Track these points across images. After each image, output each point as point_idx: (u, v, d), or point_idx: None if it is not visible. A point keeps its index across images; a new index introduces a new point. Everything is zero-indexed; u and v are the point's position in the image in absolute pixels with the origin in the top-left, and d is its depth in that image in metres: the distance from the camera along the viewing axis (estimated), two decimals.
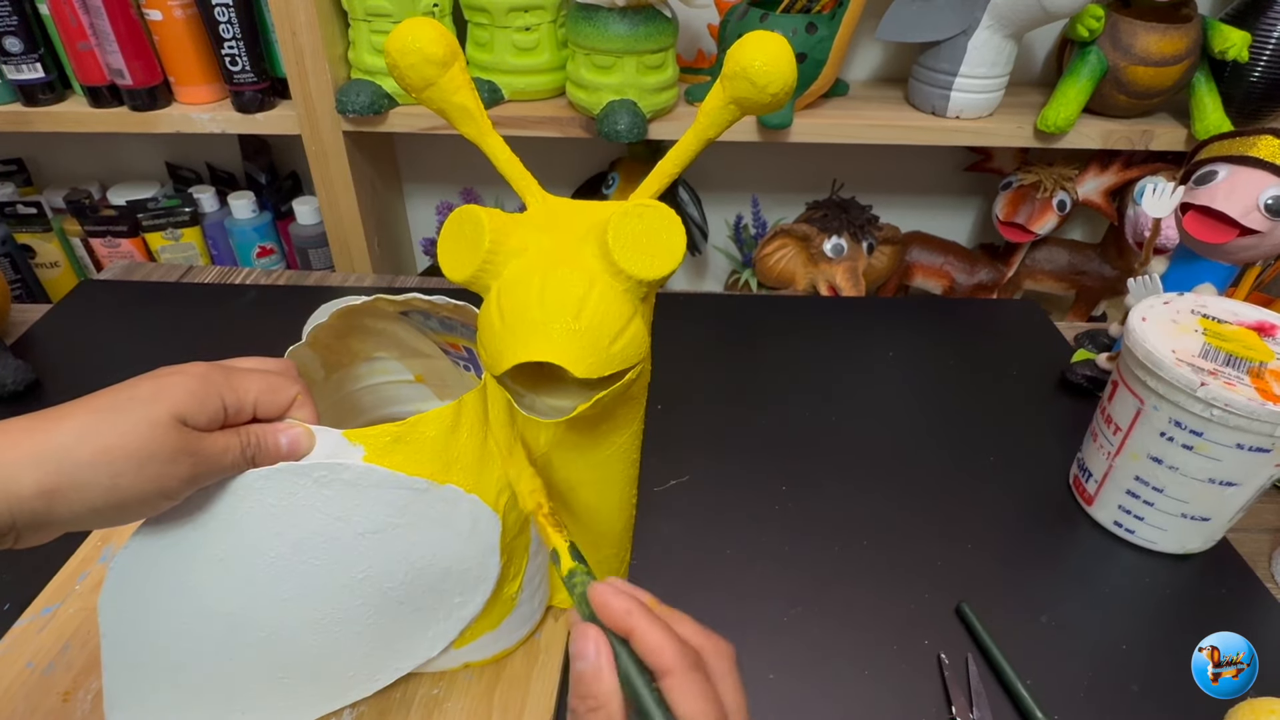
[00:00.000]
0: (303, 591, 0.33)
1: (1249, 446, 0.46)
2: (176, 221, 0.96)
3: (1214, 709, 0.43)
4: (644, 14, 0.74)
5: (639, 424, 0.38)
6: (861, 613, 0.49)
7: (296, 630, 0.34)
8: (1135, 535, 0.53)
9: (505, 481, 0.35)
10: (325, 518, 0.32)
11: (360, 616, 0.34)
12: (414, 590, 0.35)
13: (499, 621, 0.39)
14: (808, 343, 0.74)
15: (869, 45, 0.96)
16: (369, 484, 0.32)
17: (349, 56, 0.83)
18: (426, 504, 0.33)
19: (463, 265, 0.29)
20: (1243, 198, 0.55)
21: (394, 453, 0.32)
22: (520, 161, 0.32)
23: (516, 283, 0.28)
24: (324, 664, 0.36)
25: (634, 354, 0.29)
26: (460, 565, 0.35)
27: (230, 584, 0.32)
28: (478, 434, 0.34)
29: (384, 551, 0.33)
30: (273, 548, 0.32)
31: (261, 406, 0.31)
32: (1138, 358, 0.49)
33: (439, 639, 0.37)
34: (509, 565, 0.37)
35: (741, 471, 0.59)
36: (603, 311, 0.27)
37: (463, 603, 0.36)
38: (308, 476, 0.31)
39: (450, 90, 0.29)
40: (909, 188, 1.07)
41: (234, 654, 0.34)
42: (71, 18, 0.79)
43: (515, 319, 0.28)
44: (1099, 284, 0.99)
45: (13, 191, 1.01)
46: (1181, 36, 0.78)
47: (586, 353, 0.27)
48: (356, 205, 0.90)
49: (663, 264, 0.27)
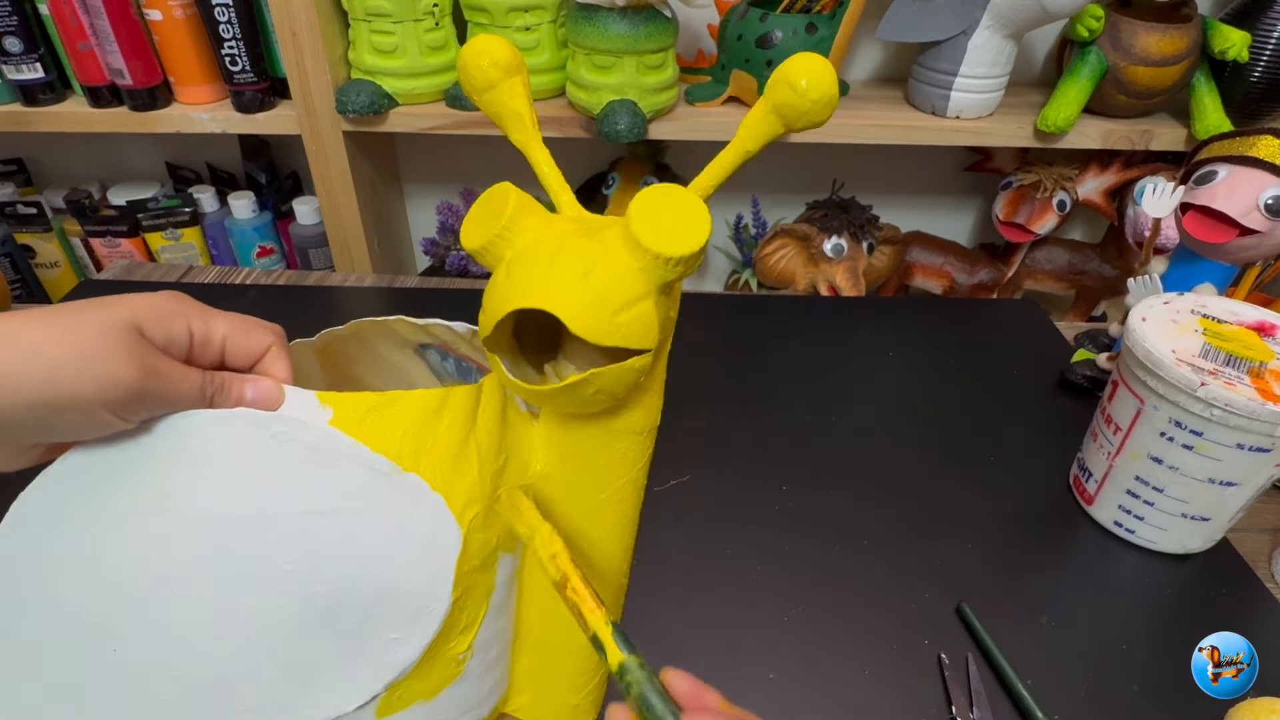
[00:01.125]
0: (220, 572, 0.28)
1: (1249, 446, 0.46)
2: (176, 221, 0.96)
3: (1214, 709, 0.43)
4: (644, 14, 0.74)
5: (641, 470, 0.34)
6: (861, 613, 0.49)
7: (199, 627, 0.29)
8: (1135, 535, 0.53)
9: (478, 493, 0.31)
10: (270, 483, 0.28)
11: (275, 626, 0.29)
12: (345, 604, 0.30)
13: (437, 690, 0.33)
14: (808, 343, 0.74)
15: (869, 45, 0.96)
16: (327, 451, 0.29)
17: (349, 56, 0.83)
18: (384, 493, 0.29)
19: (480, 232, 0.28)
20: (1243, 198, 0.55)
21: (365, 423, 0.29)
22: (561, 175, 0.31)
23: (529, 249, 0.28)
24: (217, 684, 0.30)
25: (640, 334, 0.27)
26: (405, 584, 0.30)
27: (142, 545, 0.28)
28: (460, 429, 0.31)
29: (324, 541, 0.29)
30: (202, 508, 0.28)
31: (231, 347, 0.29)
32: (1138, 358, 0.49)
33: (360, 688, 0.31)
34: (461, 609, 0.32)
35: (741, 471, 0.59)
36: (612, 279, 0.26)
37: (398, 641, 0.31)
38: (265, 429, 0.28)
39: (509, 96, 0.30)
40: (909, 188, 1.07)
41: (120, 645, 0.29)
42: (71, 18, 0.79)
43: (520, 274, 0.27)
44: (1099, 284, 0.99)
45: (13, 191, 1.01)
46: (1181, 36, 0.78)
47: (588, 311, 0.26)
48: (356, 205, 0.90)
49: (683, 242, 0.26)
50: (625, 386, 0.29)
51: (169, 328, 0.27)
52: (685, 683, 0.25)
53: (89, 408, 0.24)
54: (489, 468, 0.31)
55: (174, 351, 0.27)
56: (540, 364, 0.32)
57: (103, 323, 0.25)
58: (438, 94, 0.85)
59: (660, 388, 0.33)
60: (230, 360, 0.29)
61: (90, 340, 0.24)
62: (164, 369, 0.26)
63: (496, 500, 0.32)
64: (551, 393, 0.28)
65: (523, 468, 0.33)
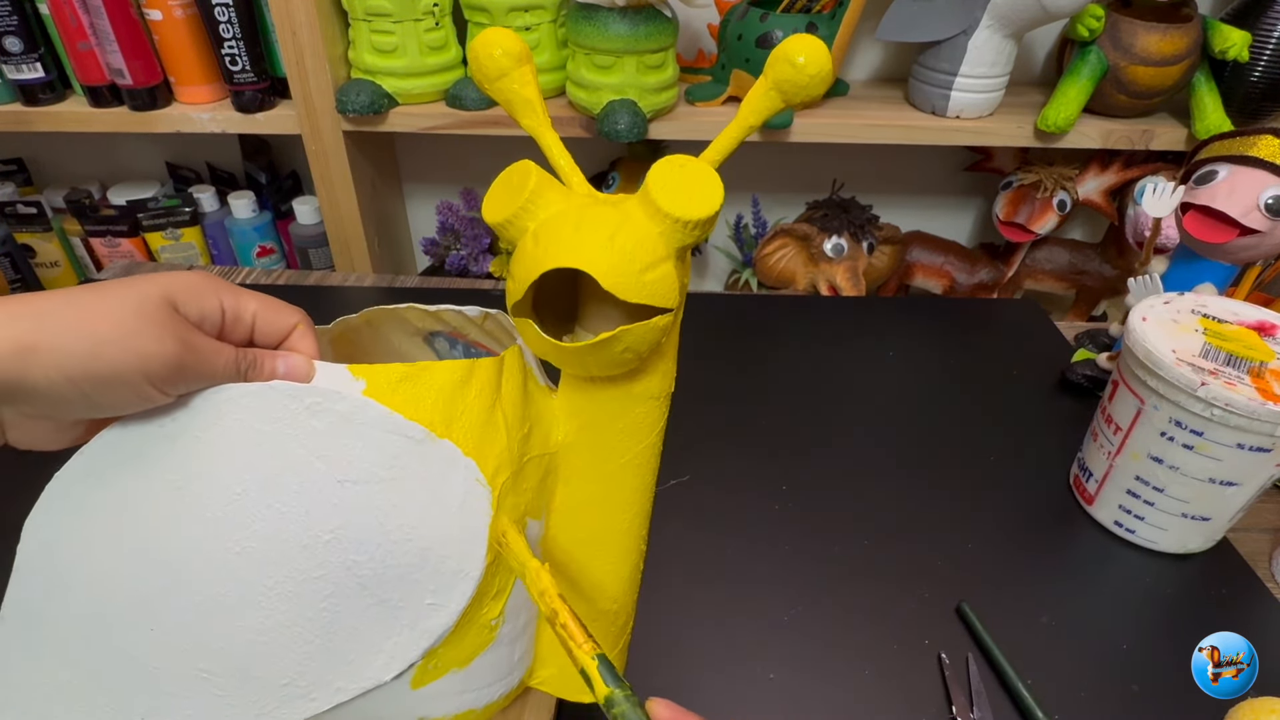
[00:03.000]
0: (260, 543, 0.29)
1: (1249, 446, 0.46)
2: (176, 221, 0.96)
3: (1214, 709, 0.43)
4: (644, 14, 0.74)
5: (658, 435, 0.35)
6: (861, 612, 0.49)
7: (239, 602, 0.30)
8: (1136, 535, 0.53)
9: (507, 459, 0.32)
10: (306, 454, 0.29)
11: (315, 596, 0.30)
12: (383, 573, 0.30)
13: (471, 657, 0.34)
14: (808, 343, 0.74)
15: (869, 45, 0.96)
16: (363, 421, 0.29)
17: (349, 56, 0.83)
18: (419, 459, 0.30)
19: (503, 206, 0.29)
20: (1243, 197, 0.55)
21: (397, 393, 0.30)
22: (572, 158, 0.32)
23: (555, 218, 0.29)
24: (258, 660, 0.30)
25: (664, 293, 0.29)
26: (440, 548, 0.31)
27: (182, 520, 0.29)
28: (486, 397, 0.32)
29: (361, 509, 0.30)
30: (240, 482, 0.29)
31: (261, 324, 0.30)
32: (1138, 357, 0.49)
33: (398, 657, 0.32)
34: (494, 573, 0.33)
35: (741, 471, 0.59)
36: (636, 241, 0.28)
37: (434, 606, 0.32)
38: (300, 401, 0.29)
39: (520, 83, 0.31)
40: (909, 188, 1.07)
41: (159, 622, 0.30)
42: (71, 17, 0.79)
43: (549, 239, 0.28)
44: (1099, 284, 0.99)
45: (13, 191, 1.01)
46: (1181, 36, 0.78)
47: (617, 269, 0.27)
48: (356, 205, 0.90)
49: (699, 206, 0.28)
50: (649, 345, 0.30)
51: (202, 304, 0.27)
52: (668, 711, 0.26)
53: (131, 381, 0.25)
54: (515, 435, 0.32)
55: (207, 328, 0.28)
56: (559, 335, 0.33)
57: (142, 299, 0.25)
58: (438, 94, 0.85)
59: (674, 354, 0.34)
60: (259, 338, 0.30)
61: (131, 315, 0.25)
62: (200, 344, 0.27)
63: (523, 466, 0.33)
64: (582, 350, 0.29)
65: (545, 437, 0.34)
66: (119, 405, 0.26)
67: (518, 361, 0.34)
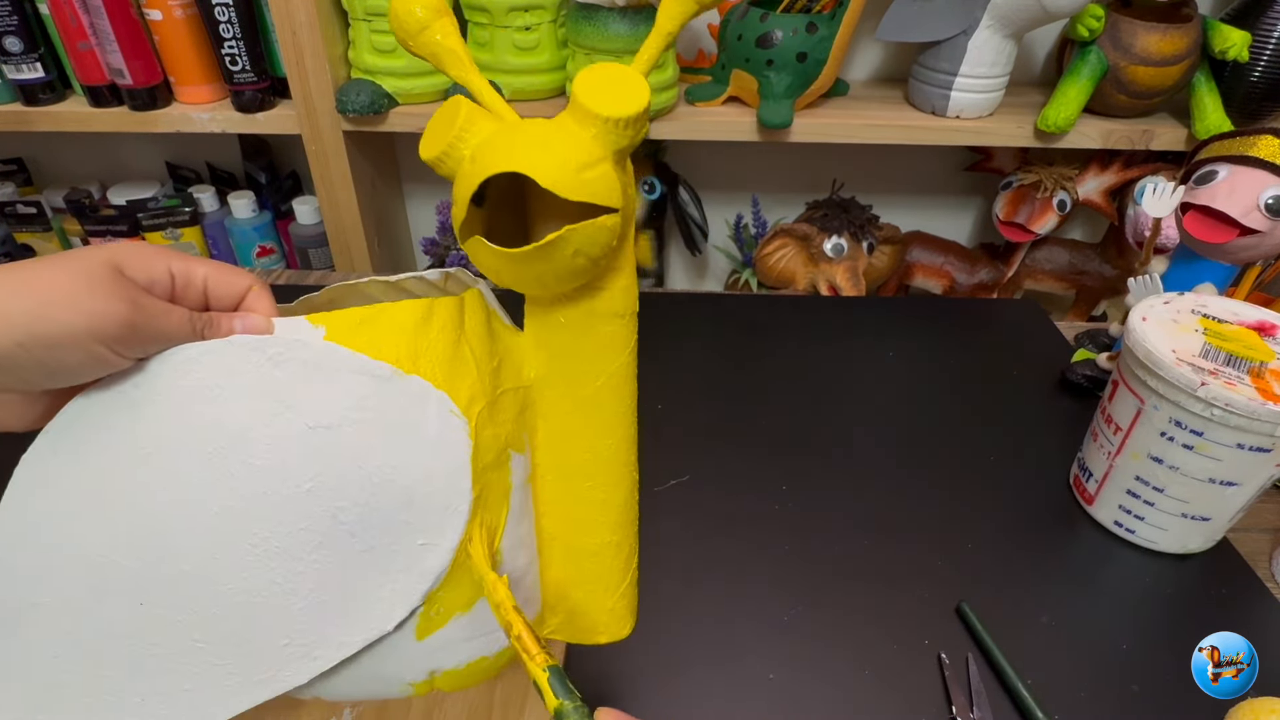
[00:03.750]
0: (240, 501, 0.28)
1: (1249, 446, 0.46)
2: (176, 221, 0.96)
3: (1214, 709, 0.43)
4: (644, 14, 0.74)
5: (629, 355, 0.35)
6: (861, 613, 0.49)
7: (225, 563, 0.29)
8: (1135, 535, 0.53)
9: (479, 390, 0.31)
10: (274, 405, 0.28)
11: (302, 549, 0.29)
12: (369, 517, 0.30)
13: (473, 600, 0.33)
14: (808, 343, 0.74)
15: (869, 45, 0.96)
16: (327, 365, 0.29)
17: (349, 56, 0.83)
18: (388, 397, 0.30)
19: (437, 141, 0.30)
20: (1243, 197, 0.55)
21: (359, 335, 0.30)
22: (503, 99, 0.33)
23: (489, 138, 0.29)
24: (253, 622, 0.30)
25: (605, 191, 0.29)
26: (425, 486, 0.30)
27: (157, 487, 0.28)
28: (450, 333, 0.31)
29: (337, 454, 0.29)
30: (210, 440, 0.28)
31: (213, 287, 0.30)
32: (1138, 357, 0.49)
33: (397, 604, 0.31)
34: (484, 508, 0.32)
35: (741, 471, 0.59)
36: (570, 144, 0.28)
37: (426, 547, 0.31)
38: (261, 352, 0.29)
39: (442, 35, 0.31)
40: (909, 188, 1.08)
41: (147, 595, 0.29)
42: (71, 17, 0.79)
43: (485, 155, 0.29)
44: (1099, 284, 0.99)
45: (13, 191, 1.01)
46: (1181, 36, 0.78)
47: (553, 168, 0.27)
48: (356, 205, 0.90)
49: (624, 105, 0.28)
50: (600, 247, 0.30)
51: (150, 268, 0.27)
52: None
53: (81, 341, 0.25)
54: (485, 367, 0.32)
55: (157, 291, 0.28)
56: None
57: (84, 263, 0.25)
58: (438, 94, 0.85)
59: (633, 270, 0.34)
60: (214, 302, 0.30)
61: (74, 278, 0.25)
62: (149, 304, 0.27)
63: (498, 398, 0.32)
64: (533, 254, 0.28)
65: (516, 371, 0.34)
66: (75, 369, 0.26)
67: (478, 301, 0.33)
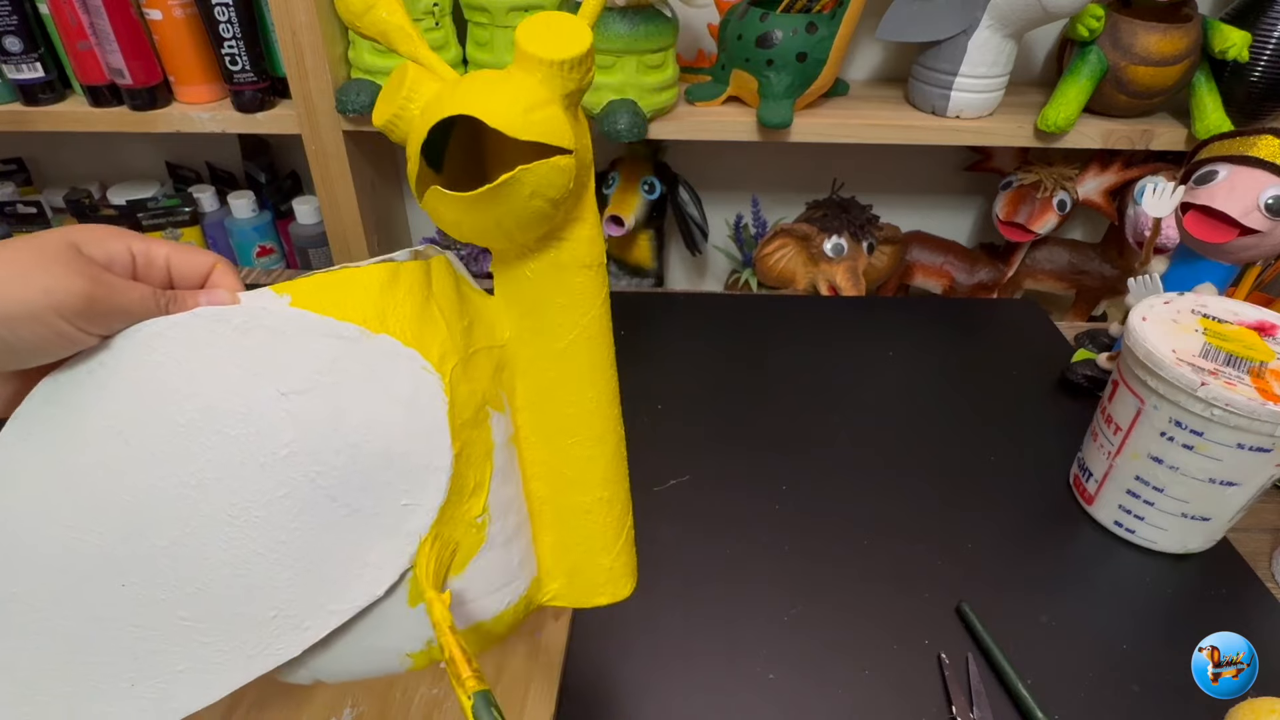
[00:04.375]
0: (216, 471, 0.28)
1: (1249, 446, 0.46)
2: (176, 221, 0.96)
3: (1214, 709, 0.43)
4: (644, 14, 0.74)
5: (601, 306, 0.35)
6: (861, 612, 0.49)
7: (206, 537, 0.28)
8: (1135, 535, 0.53)
9: (450, 347, 0.31)
10: (243, 373, 0.28)
11: (284, 516, 0.29)
12: (348, 480, 0.29)
13: (464, 562, 0.32)
14: (808, 342, 0.74)
15: (869, 45, 0.96)
16: (294, 330, 0.29)
17: (349, 56, 0.83)
18: (358, 358, 0.29)
19: (387, 106, 0.30)
20: (1243, 197, 0.55)
21: (324, 299, 0.30)
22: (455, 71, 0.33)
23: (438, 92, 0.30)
24: (239, 596, 0.29)
25: (555, 131, 0.29)
26: (402, 445, 0.30)
27: (131, 464, 0.28)
28: (418, 294, 0.31)
29: (311, 418, 0.29)
30: (182, 413, 0.28)
31: (177, 266, 0.30)
32: (1138, 357, 0.49)
33: (385, 568, 0.30)
34: (467, 465, 0.31)
35: (741, 471, 0.59)
36: (516, 87, 0.28)
37: (410, 507, 0.30)
38: (226, 322, 0.29)
39: (388, 12, 0.32)
40: (909, 187, 1.07)
41: (128, 576, 0.28)
42: (71, 17, 0.79)
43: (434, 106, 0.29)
44: (1099, 284, 0.99)
45: (13, 191, 1.01)
46: (1182, 36, 0.78)
47: (500, 108, 0.28)
48: (356, 205, 0.90)
49: (565, 47, 0.28)
50: (557, 189, 0.29)
51: (108, 247, 0.27)
52: None
53: (42, 317, 0.25)
54: (456, 326, 0.32)
55: (116, 269, 0.28)
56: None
57: (42, 243, 0.25)
58: None
59: (596, 221, 0.34)
60: (178, 281, 0.30)
61: (29, 255, 0.25)
62: (109, 279, 0.26)
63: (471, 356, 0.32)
64: (489, 193, 0.28)
65: (489, 332, 0.34)
66: (38, 346, 0.26)
67: (445, 266, 0.33)
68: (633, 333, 0.75)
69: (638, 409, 0.64)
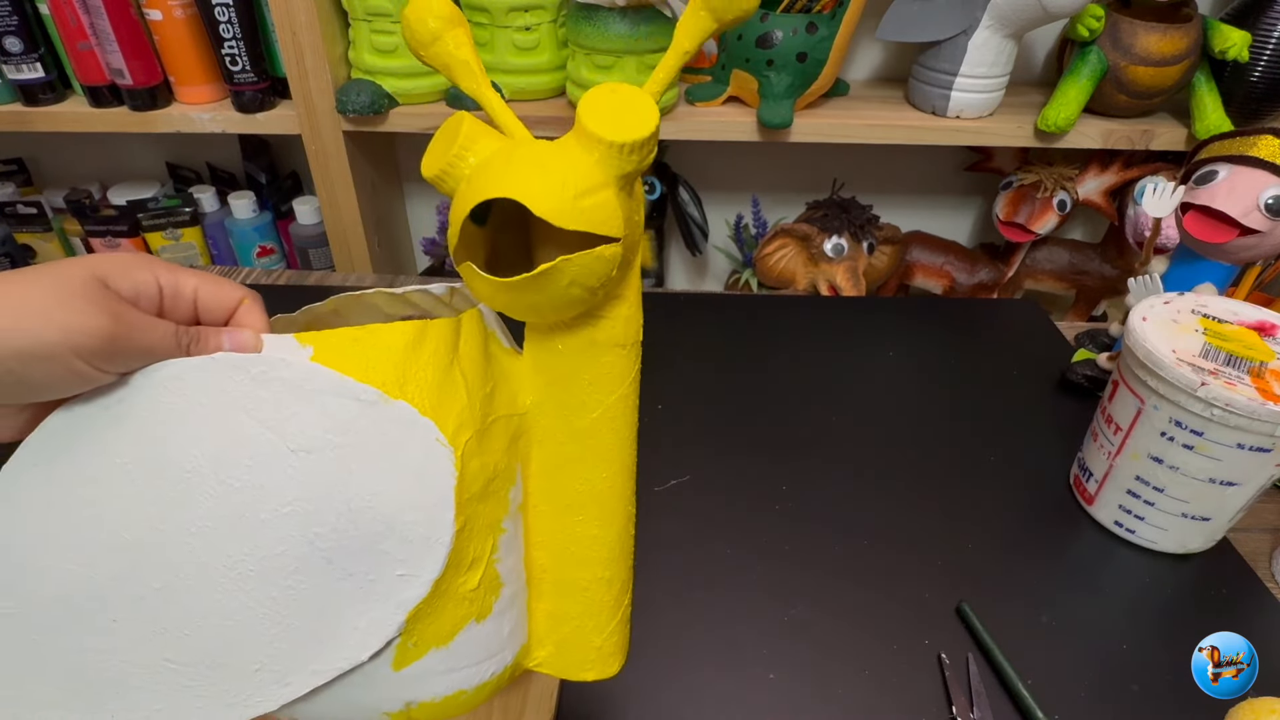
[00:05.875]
0: (216, 521, 0.28)
1: (1249, 446, 0.46)
2: (177, 221, 0.96)
3: (1214, 709, 0.43)
4: (644, 14, 0.74)
5: (630, 386, 0.34)
6: (861, 613, 0.49)
7: (198, 585, 0.28)
8: (1136, 535, 0.53)
9: (468, 418, 0.31)
10: (256, 425, 0.28)
11: (278, 573, 0.29)
12: (347, 544, 0.29)
13: (453, 634, 0.32)
14: (808, 343, 0.74)
15: (869, 45, 0.96)
16: (312, 387, 0.28)
17: (349, 56, 0.83)
18: (373, 423, 0.29)
19: (438, 158, 0.29)
20: (1243, 197, 0.55)
21: (346, 357, 0.29)
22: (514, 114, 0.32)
23: (489, 159, 0.29)
24: (225, 645, 0.29)
25: (604, 220, 0.28)
26: (405, 515, 0.30)
27: (134, 503, 0.28)
28: (443, 357, 0.31)
29: (317, 478, 0.28)
30: (190, 459, 0.28)
31: (204, 299, 0.29)
32: (1138, 357, 0.49)
33: (372, 634, 0.30)
34: (466, 541, 0.31)
35: (741, 471, 0.59)
36: (570, 168, 0.27)
37: (405, 578, 0.30)
38: (245, 371, 0.28)
39: (455, 46, 0.31)
40: (909, 188, 1.08)
41: (119, 613, 0.29)
42: (71, 18, 0.79)
43: (482, 175, 0.28)
44: (1099, 284, 0.99)
45: (13, 191, 1.01)
46: (1181, 36, 0.78)
47: (549, 194, 0.26)
48: (356, 205, 0.90)
49: (632, 129, 0.27)
50: (598, 278, 0.29)
51: (135, 279, 0.27)
52: None
53: (60, 356, 0.24)
54: (477, 394, 0.31)
55: (143, 304, 0.27)
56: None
57: (66, 276, 0.24)
58: (438, 94, 0.85)
59: (638, 299, 0.33)
60: (204, 315, 0.29)
61: (49, 291, 0.24)
62: (133, 317, 0.26)
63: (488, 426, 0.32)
64: (525, 283, 0.27)
65: (511, 399, 0.33)
66: (55, 384, 0.25)
67: (476, 323, 0.33)
68: None
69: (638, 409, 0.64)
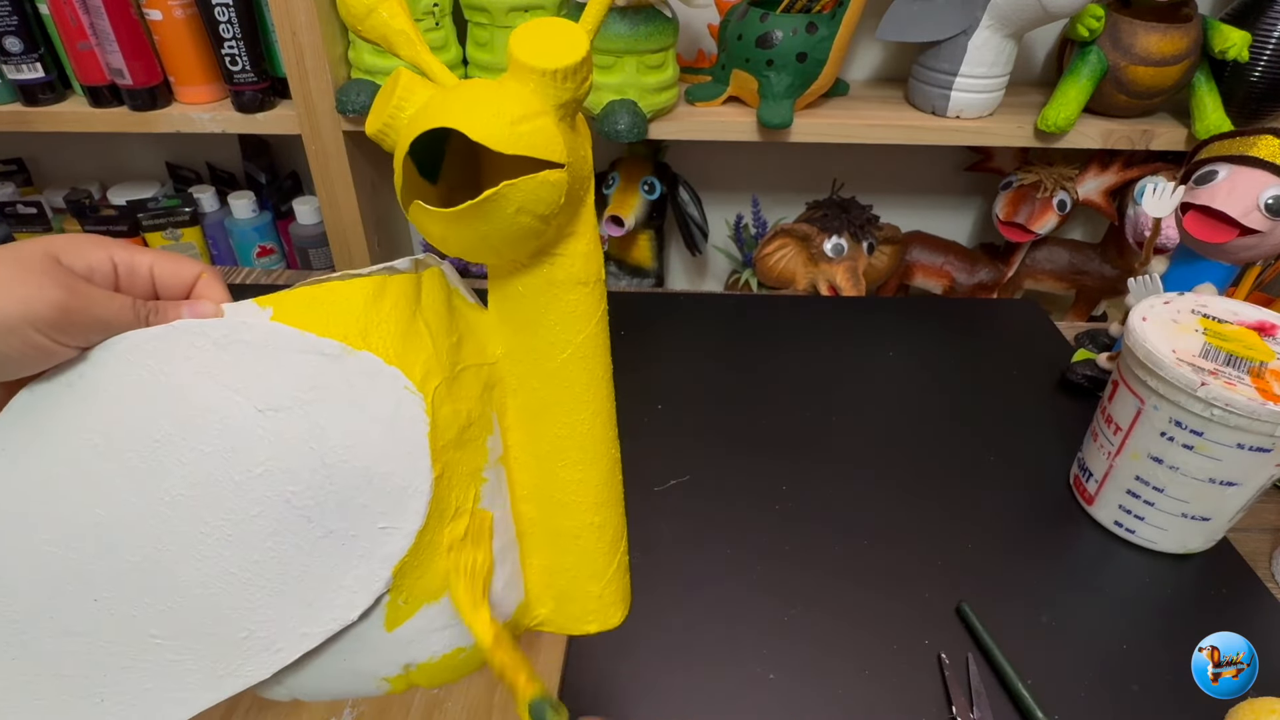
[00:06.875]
0: (190, 489, 0.28)
1: (1249, 446, 0.46)
2: (176, 221, 0.96)
3: (1214, 709, 0.43)
4: (644, 14, 0.74)
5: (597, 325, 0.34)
6: (861, 613, 0.49)
7: (177, 554, 0.28)
8: (1136, 535, 0.53)
9: (435, 365, 0.30)
10: (221, 389, 0.28)
11: (257, 536, 0.28)
12: (324, 501, 0.29)
13: (444, 589, 0.31)
14: (808, 342, 0.74)
15: (869, 45, 0.96)
16: (274, 346, 0.28)
17: (349, 56, 0.83)
18: (339, 376, 0.29)
19: (379, 115, 0.29)
20: (1243, 197, 0.55)
21: (307, 314, 0.29)
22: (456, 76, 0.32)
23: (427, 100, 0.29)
24: (210, 615, 0.29)
25: (544, 144, 0.28)
26: (380, 465, 0.29)
27: (105, 478, 0.28)
28: (404, 309, 0.30)
29: (288, 436, 0.28)
30: (158, 428, 0.28)
31: (161, 275, 0.29)
32: (1138, 357, 0.49)
33: (360, 592, 0.30)
34: (447, 489, 0.31)
35: (741, 471, 0.59)
36: (504, 96, 0.28)
37: (387, 531, 0.30)
38: (206, 336, 0.28)
39: (390, 15, 0.31)
40: (909, 188, 1.07)
41: (100, 591, 0.28)
42: (71, 18, 0.79)
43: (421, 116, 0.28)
44: (1099, 284, 0.99)
45: (13, 191, 1.01)
46: (1181, 36, 0.78)
47: (487, 122, 0.27)
48: (356, 205, 0.90)
49: (560, 56, 0.28)
50: (546, 205, 0.28)
51: (88, 257, 0.27)
52: None
53: (17, 329, 0.24)
54: (443, 342, 0.31)
55: (97, 280, 0.27)
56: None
57: (20, 253, 0.25)
58: None
59: (594, 236, 0.33)
60: (163, 291, 0.29)
61: (8, 268, 0.24)
62: (87, 290, 0.26)
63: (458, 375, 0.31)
64: (472, 209, 0.27)
65: (480, 349, 0.33)
66: (14, 359, 0.25)
67: (438, 279, 0.32)
68: (633, 333, 0.75)
69: (638, 409, 0.64)
